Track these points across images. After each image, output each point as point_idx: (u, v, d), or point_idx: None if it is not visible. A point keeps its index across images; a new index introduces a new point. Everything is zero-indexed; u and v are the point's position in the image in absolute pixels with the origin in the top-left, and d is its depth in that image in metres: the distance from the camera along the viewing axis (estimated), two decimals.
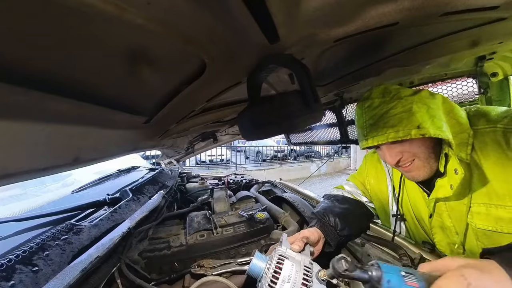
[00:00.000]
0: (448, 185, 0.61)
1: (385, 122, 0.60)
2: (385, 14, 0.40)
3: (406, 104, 0.60)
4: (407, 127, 0.57)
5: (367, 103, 0.66)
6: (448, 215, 0.67)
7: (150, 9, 0.25)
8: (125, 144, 0.77)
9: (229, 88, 0.56)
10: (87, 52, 0.33)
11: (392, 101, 0.61)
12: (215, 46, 0.35)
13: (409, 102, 0.60)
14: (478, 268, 0.40)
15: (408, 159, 0.64)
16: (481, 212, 0.60)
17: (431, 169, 0.65)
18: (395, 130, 0.58)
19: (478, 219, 0.61)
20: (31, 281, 0.49)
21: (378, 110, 0.62)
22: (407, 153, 0.63)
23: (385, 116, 0.61)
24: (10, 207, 0.86)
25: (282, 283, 0.50)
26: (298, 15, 0.32)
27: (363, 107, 0.67)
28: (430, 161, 0.64)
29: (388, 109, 0.61)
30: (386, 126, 0.60)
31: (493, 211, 0.58)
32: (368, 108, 0.65)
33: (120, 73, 0.40)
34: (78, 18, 0.25)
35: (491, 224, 0.59)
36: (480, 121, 0.63)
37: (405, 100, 0.60)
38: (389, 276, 0.43)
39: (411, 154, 0.63)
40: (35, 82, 0.34)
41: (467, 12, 0.43)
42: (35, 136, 0.43)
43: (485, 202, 0.60)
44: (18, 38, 0.26)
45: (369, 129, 0.64)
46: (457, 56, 0.80)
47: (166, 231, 0.98)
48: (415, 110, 0.58)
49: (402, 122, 0.58)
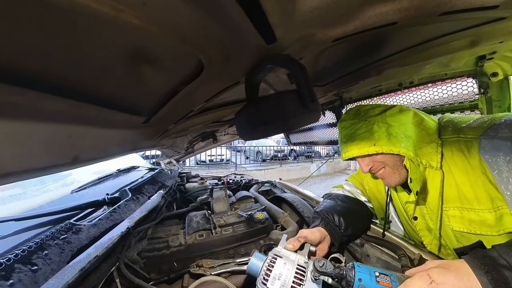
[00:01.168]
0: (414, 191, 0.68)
1: (352, 141, 0.72)
2: (383, 13, 0.40)
3: (368, 125, 0.71)
4: (366, 145, 0.69)
5: (342, 124, 0.78)
6: (429, 218, 0.72)
7: (146, 10, 0.25)
8: (124, 144, 0.77)
9: (227, 88, 0.56)
10: (84, 53, 0.33)
11: (359, 123, 0.73)
12: (212, 46, 0.35)
13: (372, 123, 0.70)
14: (445, 267, 0.46)
15: (378, 167, 0.73)
16: (456, 215, 0.65)
17: (401, 176, 0.72)
18: (358, 148, 0.70)
19: (454, 221, 0.66)
20: (30, 280, 0.49)
21: (349, 131, 0.74)
22: (376, 162, 0.73)
23: (352, 136, 0.73)
24: (10, 206, 0.86)
25: (273, 280, 0.52)
26: (295, 15, 0.32)
27: (340, 127, 0.79)
28: (398, 168, 0.72)
29: (355, 130, 0.73)
30: (352, 144, 0.72)
31: (466, 214, 0.63)
32: (343, 128, 0.77)
33: (118, 73, 0.40)
34: (73, 18, 0.25)
35: (465, 226, 0.64)
36: (447, 131, 0.69)
37: (369, 122, 0.71)
38: (360, 275, 0.49)
39: (380, 164, 0.73)
40: (31, 82, 0.34)
41: (466, 12, 0.43)
42: (33, 136, 0.43)
43: (458, 206, 0.65)
44: (14, 38, 0.26)
45: (343, 145, 0.76)
46: (457, 56, 0.80)
47: (165, 230, 0.98)
48: (374, 130, 0.69)
49: (363, 141, 0.70)
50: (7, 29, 0.24)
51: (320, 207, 0.89)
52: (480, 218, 0.60)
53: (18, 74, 0.31)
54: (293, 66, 0.37)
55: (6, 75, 0.30)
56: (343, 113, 0.81)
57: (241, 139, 1.95)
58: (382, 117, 0.71)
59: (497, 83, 0.92)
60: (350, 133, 0.74)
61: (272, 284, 0.52)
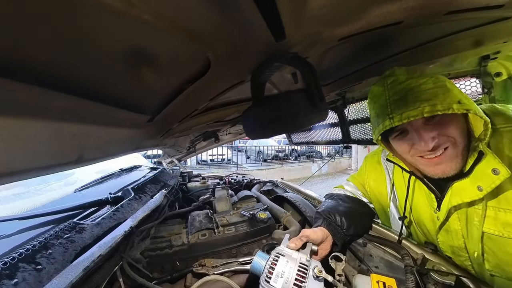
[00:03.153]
0: (473, 187, 0.55)
1: (416, 96, 0.51)
2: (390, 12, 0.40)
3: (438, 81, 0.52)
4: (446, 101, 0.49)
5: (390, 79, 0.57)
6: (457, 218, 0.63)
7: (158, 5, 0.25)
8: (128, 143, 0.77)
9: (232, 87, 0.56)
10: (92, 48, 0.33)
11: (421, 77, 0.53)
12: (220, 43, 0.35)
13: (441, 80, 0.53)
14: None
15: (444, 143, 0.55)
16: (489, 216, 0.57)
17: (463, 161, 0.57)
18: (432, 104, 0.49)
19: (486, 222, 0.58)
20: (34, 280, 0.49)
21: (406, 85, 0.54)
22: (442, 136, 0.54)
23: (415, 90, 0.52)
24: (13, 205, 0.86)
25: (276, 278, 0.53)
26: (304, 12, 0.32)
27: (385, 83, 0.57)
28: (463, 151, 0.56)
29: (418, 84, 0.53)
30: (418, 100, 0.51)
31: (501, 216, 0.55)
32: (392, 83, 0.56)
33: (124, 70, 0.40)
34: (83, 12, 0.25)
35: (498, 229, 0.55)
36: (497, 119, 0.58)
37: (436, 78, 0.53)
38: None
39: (446, 138, 0.55)
40: (38, 79, 0.34)
41: (472, 11, 0.43)
42: (38, 134, 0.43)
43: (494, 205, 0.56)
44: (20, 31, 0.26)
45: (394, 105, 0.54)
46: (460, 55, 0.79)
47: (168, 230, 0.98)
48: (450, 87, 0.51)
49: (438, 97, 0.50)
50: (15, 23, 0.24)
51: (322, 207, 0.88)
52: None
53: (24, 69, 0.31)
54: (302, 65, 0.37)
55: (13, 71, 0.29)
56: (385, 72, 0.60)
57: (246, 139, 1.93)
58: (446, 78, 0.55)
59: (500, 83, 0.92)
60: (410, 88, 0.53)
61: (275, 282, 0.53)
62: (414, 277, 0.61)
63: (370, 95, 0.64)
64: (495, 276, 0.60)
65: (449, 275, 0.60)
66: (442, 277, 0.61)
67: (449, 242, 0.69)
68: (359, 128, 1.37)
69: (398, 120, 0.53)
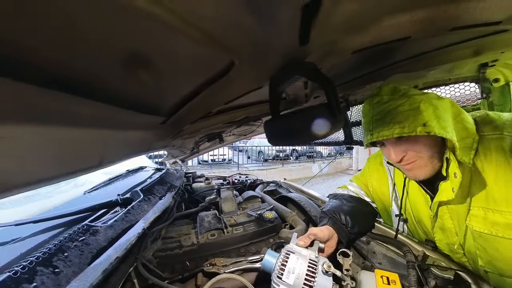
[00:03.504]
0: (450, 189, 0.63)
1: (392, 118, 0.61)
2: (400, 24, 0.42)
3: (414, 103, 0.60)
4: (413, 124, 0.58)
5: (376, 99, 0.66)
6: (449, 217, 0.69)
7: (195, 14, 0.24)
8: (141, 145, 0.78)
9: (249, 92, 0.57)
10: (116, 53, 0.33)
11: (400, 99, 0.61)
12: (247, 46, 0.35)
13: (417, 101, 0.60)
14: None
15: (412, 158, 0.65)
16: (479, 216, 0.63)
17: (433, 169, 0.66)
18: (401, 126, 0.59)
19: (476, 221, 0.64)
20: (53, 283, 0.49)
21: (386, 106, 0.63)
22: (411, 151, 0.64)
23: (392, 112, 0.61)
24: (25, 207, 0.87)
25: (288, 274, 0.56)
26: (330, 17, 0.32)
27: (371, 102, 0.67)
28: (433, 161, 0.65)
29: (396, 106, 0.61)
30: (392, 121, 0.60)
31: (490, 215, 0.60)
32: (377, 104, 0.65)
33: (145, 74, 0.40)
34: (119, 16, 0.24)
35: (487, 228, 0.61)
36: (486, 127, 0.65)
37: (413, 99, 0.61)
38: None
39: (415, 153, 0.64)
40: (67, 86, 0.33)
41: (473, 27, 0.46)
42: (65, 140, 0.44)
43: (483, 206, 0.62)
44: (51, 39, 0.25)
45: (375, 124, 0.64)
46: (460, 63, 0.83)
47: (177, 230, 0.99)
48: (422, 109, 0.59)
49: (409, 119, 0.59)
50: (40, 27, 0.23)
51: (327, 206, 0.91)
52: (507, 221, 0.58)
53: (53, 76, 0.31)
54: (321, 79, 0.39)
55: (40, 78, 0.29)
56: (374, 89, 0.68)
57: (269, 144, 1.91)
58: (427, 97, 0.62)
59: (498, 89, 0.96)
60: (389, 110, 0.62)
61: (287, 278, 0.55)
62: (415, 272, 0.64)
63: (362, 109, 0.73)
64: (488, 272, 0.65)
65: (448, 270, 0.64)
66: (441, 272, 0.64)
67: (445, 240, 0.73)
68: (361, 129, 1.40)
69: (376, 137, 0.64)
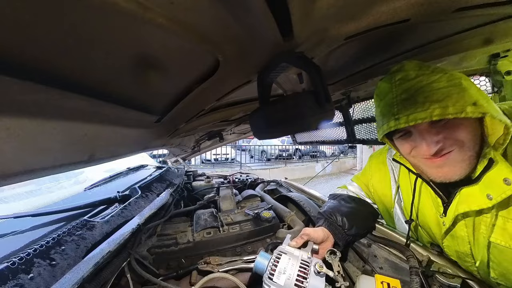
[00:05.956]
0: (483, 195, 0.50)
1: (427, 96, 0.46)
2: (396, 9, 0.39)
3: (452, 78, 0.47)
4: (459, 103, 0.44)
5: (398, 75, 0.51)
6: (464, 224, 0.60)
7: (172, 9, 0.25)
8: (137, 143, 0.79)
9: (239, 87, 0.57)
10: (106, 50, 0.34)
11: (434, 74, 0.48)
12: (230, 44, 0.36)
13: (457, 77, 0.47)
14: None
15: (450, 146, 0.50)
16: (498, 226, 0.53)
17: (469, 167, 0.52)
18: (442, 106, 0.44)
19: (494, 232, 0.54)
20: (49, 275, 0.51)
21: (416, 82, 0.48)
22: (449, 140, 0.50)
23: (426, 90, 0.47)
24: (26, 202, 0.90)
25: (278, 275, 0.55)
26: (314, 11, 0.32)
27: (392, 80, 0.52)
28: (471, 157, 0.51)
29: (430, 82, 0.47)
30: (428, 100, 0.46)
31: (510, 227, 0.51)
32: (401, 80, 0.50)
33: (136, 72, 0.41)
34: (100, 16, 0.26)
35: (505, 240, 0.52)
36: None
37: (451, 74, 0.48)
38: None
39: (453, 142, 0.50)
40: (55, 80, 0.35)
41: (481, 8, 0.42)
42: (53, 134, 0.44)
43: (504, 215, 0.51)
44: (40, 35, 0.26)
45: (402, 105, 0.49)
46: (469, 54, 0.78)
47: (174, 228, 0.99)
48: (465, 86, 0.46)
49: (452, 97, 0.45)
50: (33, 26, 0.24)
51: (324, 207, 0.88)
52: None
53: (44, 72, 0.32)
54: (308, 66, 0.37)
55: (31, 73, 0.30)
56: (393, 67, 0.55)
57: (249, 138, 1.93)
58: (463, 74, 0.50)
59: (511, 82, 0.90)
60: (420, 86, 0.48)
61: (278, 278, 0.54)
62: (419, 279, 0.59)
63: (376, 91, 0.60)
64: (501, 285, 0.58)
65: (455, 278, 0.59)
66: (447, 280, 0.59)
67: (455, 247, 0.66)
68: (364, 127, 1.36)
69: (405, 122, 0.49)
